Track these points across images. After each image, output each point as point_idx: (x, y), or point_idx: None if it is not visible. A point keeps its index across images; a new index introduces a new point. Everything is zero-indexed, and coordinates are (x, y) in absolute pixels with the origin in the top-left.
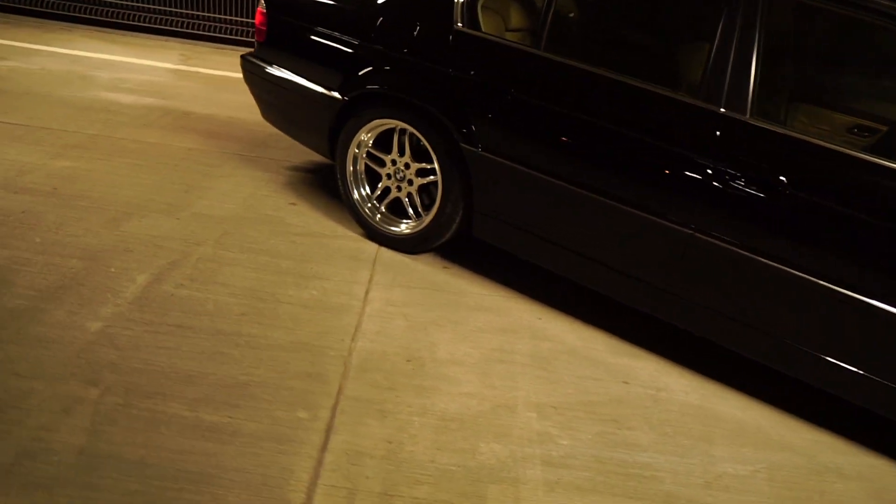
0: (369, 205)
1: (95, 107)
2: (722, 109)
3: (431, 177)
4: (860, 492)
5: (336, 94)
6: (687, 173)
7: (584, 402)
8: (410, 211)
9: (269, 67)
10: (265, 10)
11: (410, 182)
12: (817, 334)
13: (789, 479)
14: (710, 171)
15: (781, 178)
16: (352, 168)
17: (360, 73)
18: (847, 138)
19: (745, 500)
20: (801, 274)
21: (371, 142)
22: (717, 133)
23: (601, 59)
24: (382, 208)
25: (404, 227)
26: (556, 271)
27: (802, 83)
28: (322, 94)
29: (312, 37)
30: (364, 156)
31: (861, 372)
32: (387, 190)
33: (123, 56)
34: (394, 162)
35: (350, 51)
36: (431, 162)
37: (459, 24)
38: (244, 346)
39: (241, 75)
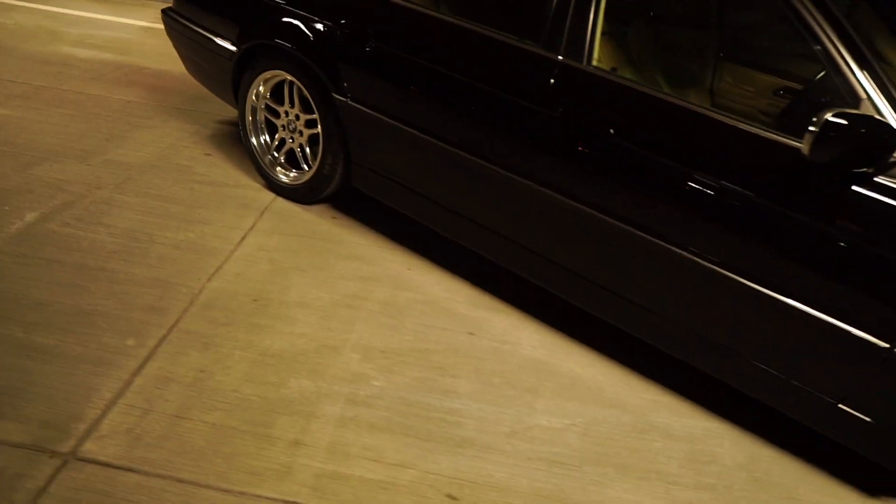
0: (268, 156)
1: (53, 60)
2: (560, 57)
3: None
4: (677, 452)
5: (232, 47)
6: (523, 122)
7: (419, 349)
8: (303, 163)
9: (182, 20)
10: None
11: (301, 133)
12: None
13: (604, 435)
14: (543, 120)
15: (610, 129)
16: (251, 118)
17: (250, 26)
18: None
19: (547, 450)
20: (629, 228)
21: (269, 93)
22: (552, 81)
23: (450, 6)
24: (281, 158)
25: (293, 177)
26: (423, 222)
27: (644, 34)
28: (222, 46)
29: None
30: (262, 107)
31: (704, 336)
32: (283, 141)
33: (99, 14)
34: (286, 113)
35: (243, 3)
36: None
37: None
38: (103, 280)
39: None
